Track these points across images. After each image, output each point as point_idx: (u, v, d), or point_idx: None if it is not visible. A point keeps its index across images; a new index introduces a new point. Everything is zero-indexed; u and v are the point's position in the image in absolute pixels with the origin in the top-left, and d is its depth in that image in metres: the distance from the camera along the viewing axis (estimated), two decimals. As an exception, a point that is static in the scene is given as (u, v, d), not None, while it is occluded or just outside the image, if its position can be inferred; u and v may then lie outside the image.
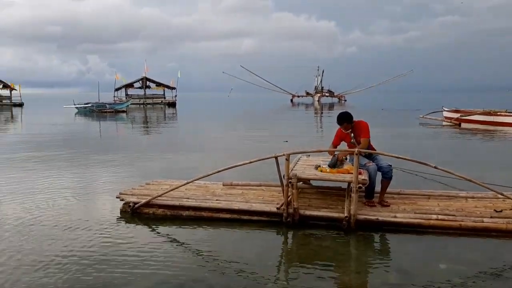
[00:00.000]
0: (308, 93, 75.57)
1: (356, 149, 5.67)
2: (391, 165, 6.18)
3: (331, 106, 56.91)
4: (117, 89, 54.48)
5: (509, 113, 21.85)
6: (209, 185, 7.15)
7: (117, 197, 6.66)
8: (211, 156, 12.35)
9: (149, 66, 56.36)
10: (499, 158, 12.48)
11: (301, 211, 5.79)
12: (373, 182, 6.05)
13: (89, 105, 39.97)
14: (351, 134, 6.42)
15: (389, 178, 6.14)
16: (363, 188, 5.80)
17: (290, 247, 5.50)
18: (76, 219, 6.15)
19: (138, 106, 51.63)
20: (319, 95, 71.95)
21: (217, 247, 5.17)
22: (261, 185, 7.03)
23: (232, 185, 7.08)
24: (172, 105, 53.15)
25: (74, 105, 40.27)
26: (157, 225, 5.94)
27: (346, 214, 5.60)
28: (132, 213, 6.28)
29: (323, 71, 76.29)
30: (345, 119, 6.38)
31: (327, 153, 6.50)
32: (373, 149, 6.31)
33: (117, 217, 6.23)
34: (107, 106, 39.97)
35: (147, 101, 54.36)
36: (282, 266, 4.83)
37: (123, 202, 6.45)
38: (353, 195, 5.52)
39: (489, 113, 22.30)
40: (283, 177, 5.91)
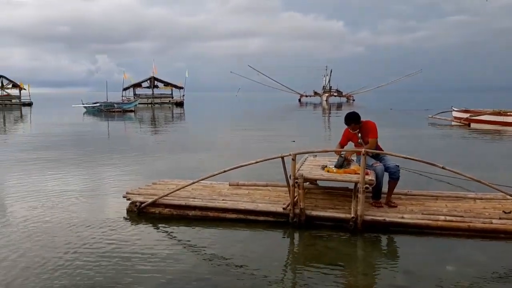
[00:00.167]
0: (316, 93, 75.34)
1: (363, 149, 5.64)
2: (398, 166, 6.13)
3: (339, 105, 56.71)
4: (125, 89, 54.76)
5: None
6: (215, 185, 7.15)
7: (124, 197, 6.68)
8: (217, 156, 12.36)
9: (157, 66, 56.60)
10: (508, 158, 12.35)
11: (308, 212, 5.76)
12: (380, 183, 6.01)
13: (98, 104, 40.18)
14: (359, 134, 6.38)
15: (397, 179, 6.09)
16: (370, 188, 5.76)
17: (296, 247, 5.48)
18: (83, 218, 6.17)
19: (146, 105, 51.82)
20: (327, 94, 71.71)
21: (223, 247, 5.16)
22: (267, 185, 7.01)
23: (238, 185, 7.07)
24: (180, 104, 53.29)
25: (83, 104, 40.50)
26: (163, 225, 5.95)
27: (352, 215, 5.56)
28: (138, 213, 6.29)
29: (331, 71, 76.01)
30: (352, 119, 6.34)
31: (334, 153, 6.46)
32: (380, 149, 6.27)
33: (123, 216, 6.24)
34: (115, 105, 40.16)
35: (155, 100, 54.56)
36: (288, 267, 4.80)
37: (130, 201, 6.46)
38: (360, 195, 5.48)
39: (499, 113, 22.09)
40: (290, 177, 5.89)
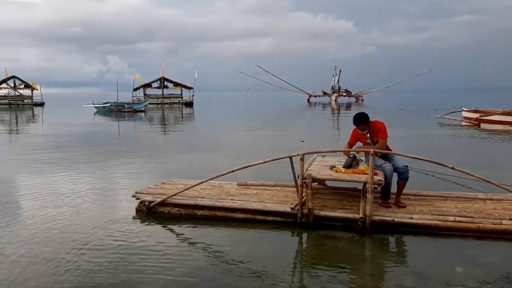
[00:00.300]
0: (325, 93, 75.09)
1: (371, 149, 5.62)
2: (407, 166, 6.10)
3: (349, 106, 56.47)
4: (135, 89, 55.14)
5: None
6: (223, 185, 7.16)
7: (133, 196, 6.72)
8: (226, 156, 12.39)
9: (166, 66, 56.86)
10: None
11: (316, 212, 5.76)
12: (389, 183, 5.98)
13: (108, 104, 40.47)
14: (367, 134, 6.36)
15: (405, 179, 6.06)
16: (378, 188, 5.74)
17: (304, 248, 5.47)
18: (92, 217, 6.23)
19: (156, 105, 52.07)
20: (336, 94, 71.44)
21: (231, 247, 5.18)
22: (276, 185, 7.01)
23: (246, 185, 7.07)
24: (190, 104, 53.47)
25: (93, 104, 40.80)
26: (171, 224, 5.98)
27: (361, 215, 5.54)
28: (147, 212, 6.33)
29: (340, 71, 75.70)
30: (361, 119, 6.32)
31: (342, 153, 6.45)
32: (389, 149, 6.24)
33: (132, 215, 6.29)
34: (126, 105, 40.38)
35: (164, 100, 54.84)
36: (296, 267, 4.80)
37: (139, 201, 6.51)
38: (369, 195, 5.46)
39: (510, 113, 21.85)
40: (298, 177, 5.89)
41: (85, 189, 7.92)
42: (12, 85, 54.52)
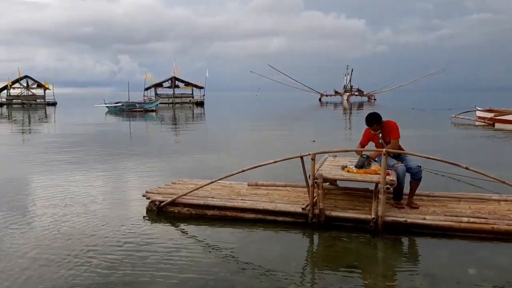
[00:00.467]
0: (337, 92, 74.77)
1: (384, 149, 5.55)
2: (420, 166, 6.01)
3: (361, 105, 56.20)
4: (146, 89, 55.40)
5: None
6: (234, 185, 7.14)
7: (143, 196, 6.73)
8: (237, 156, 12.38)
9: (178, 66, 57.08)
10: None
11: (327, 212, 5.71)
12: (401, 183, 5.91)
13: (120, 104, 40.72)
14: (380, 134, 6.29)
15: (418, 180, 5.98)
16: (391, 189, 5.66)
17: (315, 248, 5.43)
18: (102, 216, 6.25)
19: (167, 105, 52.28)
20: (348, 94, 71.11)
21: (241, 247, 5.15)
22: (286, 185, 6.96)
23: (257, 185, 7.03)
24: (200, 104, 53.63)
25: (105, 104, 41.10)
26: (181, 224, 5.98)
27: (373, 216, 5.48)
28: (157, 212, 6.33)
29: (352, 70, 75.34)
30: (374, 120, 6.25)
31: (354, 153, 6.38)
32: (401, 149, 6.17)
33: (143, 215, 6.30)
34: (137, 105, 40.62)
35: (175, 100, 55.05)
36: (307, 268, 4.76)
37: (149, 200, 6.51)
38: (381, 196, 5.40)
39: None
40: (309, 177, 5.84)
41: (96, 189, 7.97)
42: (25, 84, 55.19)
